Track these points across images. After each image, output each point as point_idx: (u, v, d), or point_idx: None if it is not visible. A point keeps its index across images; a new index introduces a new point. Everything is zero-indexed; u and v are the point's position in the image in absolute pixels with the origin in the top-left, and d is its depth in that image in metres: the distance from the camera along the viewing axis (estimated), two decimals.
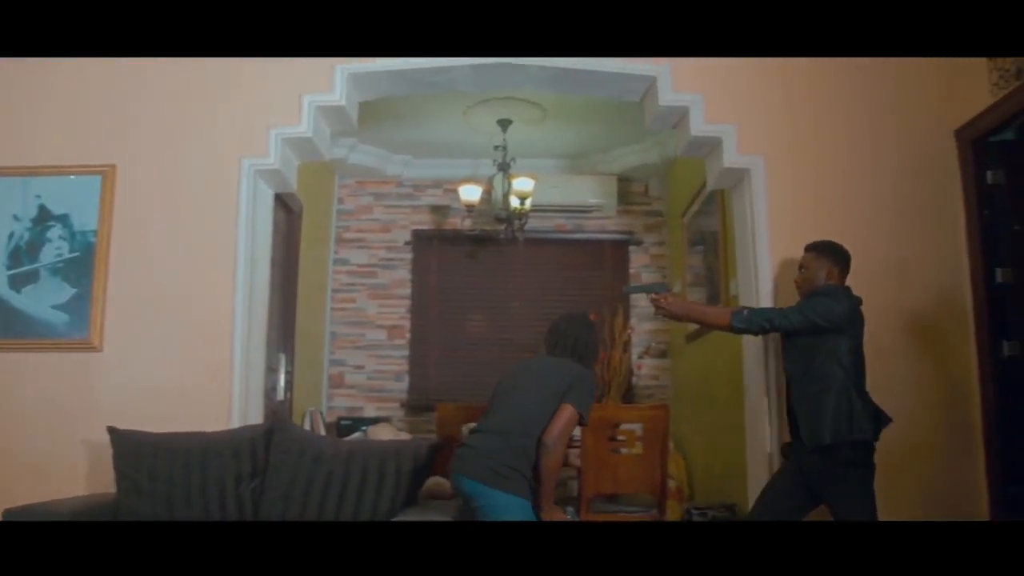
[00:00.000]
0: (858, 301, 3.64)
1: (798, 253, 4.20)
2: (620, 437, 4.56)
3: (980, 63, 4.16)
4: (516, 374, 3.68)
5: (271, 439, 3.56)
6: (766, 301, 4.16)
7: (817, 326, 3.53)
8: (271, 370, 5.05)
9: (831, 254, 3.77)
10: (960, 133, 4.34)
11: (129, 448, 3.56)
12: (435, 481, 3.79)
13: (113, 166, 4.12)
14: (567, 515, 3.32)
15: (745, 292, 4.37)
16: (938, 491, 4.12)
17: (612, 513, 4.51)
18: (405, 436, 4.31)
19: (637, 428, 4.46)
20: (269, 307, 4.49)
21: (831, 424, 3.43)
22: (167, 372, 4.01)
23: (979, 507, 4.15)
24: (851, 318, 3.58)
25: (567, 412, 3.28)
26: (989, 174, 4.29)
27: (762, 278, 4.20)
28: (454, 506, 3.51)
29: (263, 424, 3.77)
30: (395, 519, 3.15)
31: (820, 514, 3.58)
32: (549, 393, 3.39)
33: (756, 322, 3.65)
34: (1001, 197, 4.27)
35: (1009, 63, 3.95)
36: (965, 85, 4.29)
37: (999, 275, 4.20)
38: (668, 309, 3.83)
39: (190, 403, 3.95)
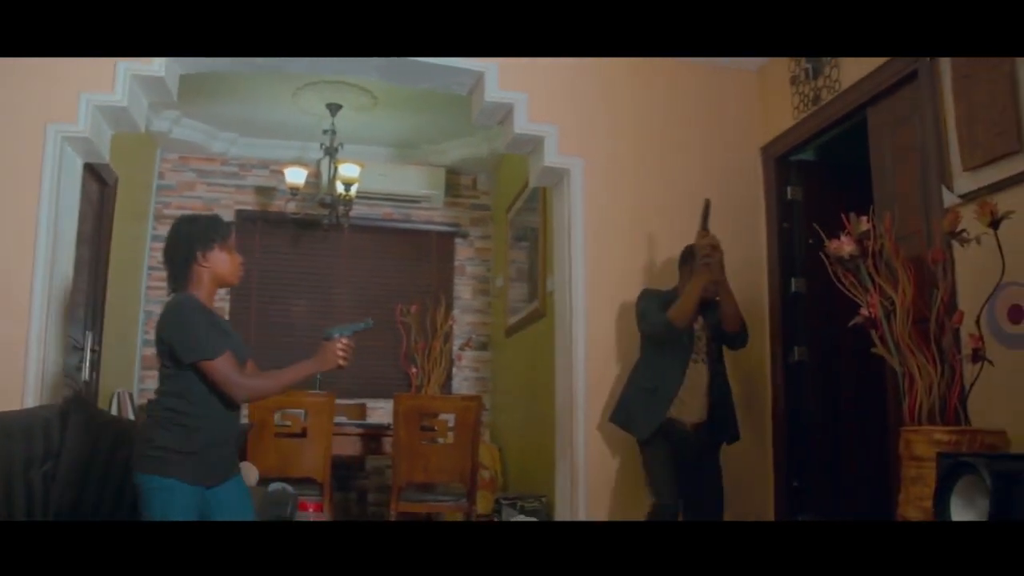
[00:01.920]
0: None
1: (611, 254, 4.38)
2: (433, 427, 4.61)
3: (785, 87, 4.46)
4: None
5: (67, 420, 3.39)
6: (579, 298, 4.31)
7: None
8: (76, 349, 4.81)
9: None
10: (765, 150, 4.64)
11: None
12: (243, 466, 3.72)
13: None
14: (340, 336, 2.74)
15: (560, 289, 4.51)
16: (732, 482, 4.38)
17: (424, 503, 4.56)
18: None
19: (450, 418, 4.52)
20: (75, 283, 4.28)
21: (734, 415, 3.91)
22: None
23: (766, 498, 4.47)
24: None
25: (208, 371, 2.62)
26: (789, 190, 4.62)
27: (575, 276, 4.34)
28: (258, 493, 3.46)
29: (59, 404, 3.59)
30: None
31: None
32: (162, 356, 2.72)
33: None
34: (798, 212, 4.61)
35: (808, 88, 4.25)
36: (772, 106, 4.59)
37: (794, 285, 4.54)
38: (717, 265, 3.75)
39: None
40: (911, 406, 2.90)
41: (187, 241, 2.77)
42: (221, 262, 2.79)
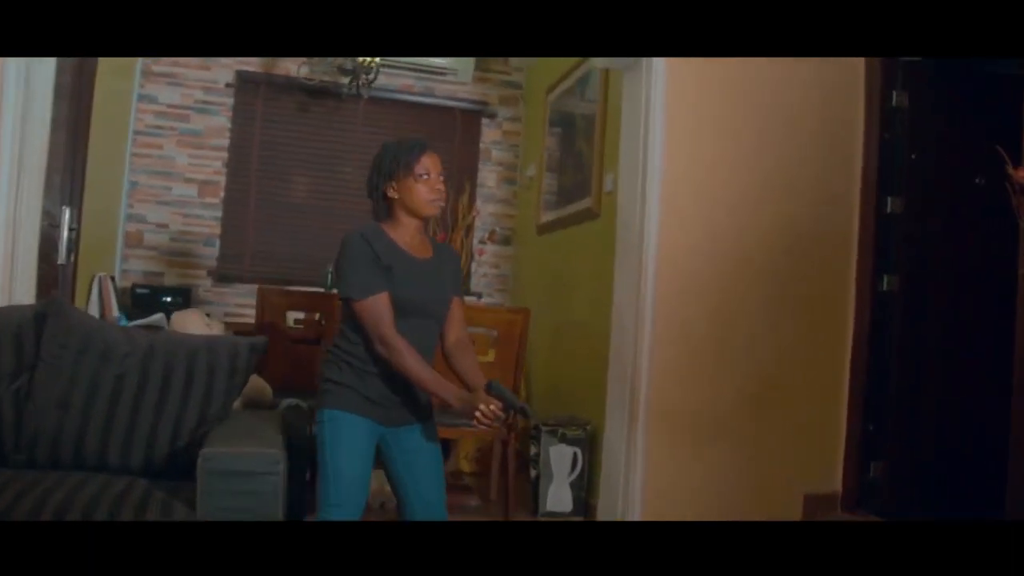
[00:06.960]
0: None
1: (696, 148, 3.81)
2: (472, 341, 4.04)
3: None
4: None
5: (43, 326, 2.76)
6: (652, 206, 3.71)
7: None
8: (51, 227, 4.16)
9: None
10: None
11: None
12: (256, 387, 3.13)
13: None
14: (492, 394, 2.57)
15: (628, 189, 3.87)
16: (802, 417, 4.00)
17: (457, 428, 4.01)
18: (217, 327, 3.56)
19: (492, 333, 3.96)
20: (50, 147, 3.68)
21: None
22: None
23: (836, 442, 4.03)
24: None
25: (356, 311, 2.55)
26: (894, 95, 4.06)
27: (651, 174, 3.72)
28: (275, 417, 2.87)
29: (32, 306, 2.94)
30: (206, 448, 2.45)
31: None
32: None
33: None
34: (903, 121, 4.05)
35: None
36: None
37: (890, 204, 4.04)
38: None
39: None
40: None
41: (376, 171, 2.68)
42: (407, 191, 2.62)
